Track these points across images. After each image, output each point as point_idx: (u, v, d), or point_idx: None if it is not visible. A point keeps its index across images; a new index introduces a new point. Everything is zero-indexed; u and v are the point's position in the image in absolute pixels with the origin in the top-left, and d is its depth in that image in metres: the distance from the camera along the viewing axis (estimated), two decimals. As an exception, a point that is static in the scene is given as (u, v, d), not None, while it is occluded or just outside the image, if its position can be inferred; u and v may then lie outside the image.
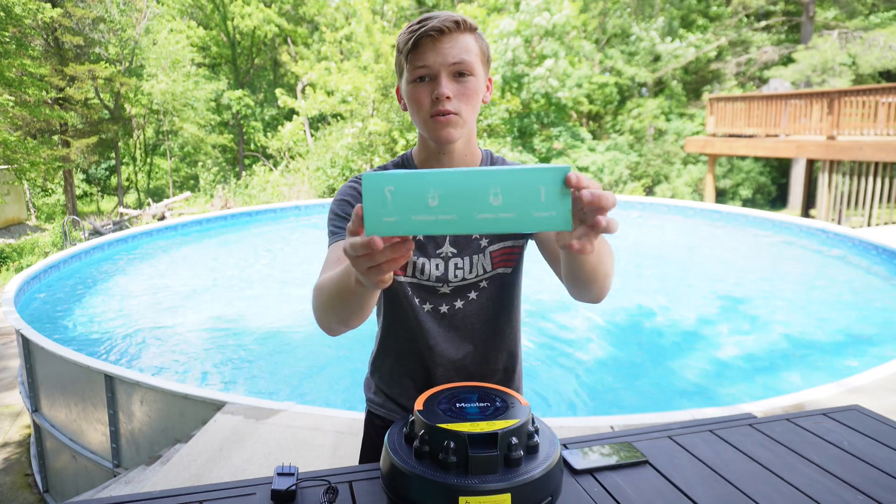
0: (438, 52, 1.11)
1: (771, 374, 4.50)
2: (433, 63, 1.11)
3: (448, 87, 1.11)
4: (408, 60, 1.14)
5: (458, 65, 1.12)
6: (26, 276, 6.03)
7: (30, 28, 12.66)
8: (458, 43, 1.12)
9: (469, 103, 1.15)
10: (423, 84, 1.13)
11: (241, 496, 1.15)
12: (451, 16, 1.13)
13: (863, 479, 1.22)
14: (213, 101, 19.55)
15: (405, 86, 1.17)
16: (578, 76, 16.90)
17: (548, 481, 1.01)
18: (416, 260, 1.24)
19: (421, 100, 1.14)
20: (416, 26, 1.13)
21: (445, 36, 1.11)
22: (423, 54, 1.12)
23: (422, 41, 1.11)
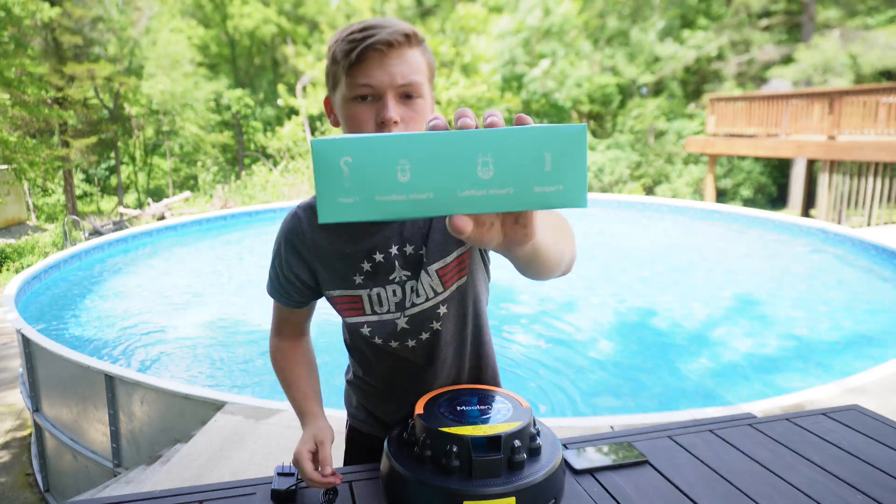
0: (385, 70, 0.97)
1: (771, 374, 4.50)
2: (379, 82, 0.98)
3: (395, 111, 0.98)
4: (347, 74, 0.99)
5: (407, 86, 0.99)
6: (26, 276, 6.04)
7: (29, 28, 12.66)
8: (406, 60, 0.99)
9: (416, 128, 1.02)
10: (366, 104, 1.00)
11: (241, 496, 1.16)
12: (399, 27, 0.99)
13: (862, 478, 1.22)
14: (213, 101, 19.56)
15: (341, 101, 1.03)
16: (578, 76, 16.91)
17: (551, 484, 1.00)
18: (370, 291, 1.12)
19: (362, 121, 1.00)
20: (358, 35, 0.98)
21: (394, 51, 0.98)
22: (367, 70, 0.98)
23: (367, 55, 0.97)
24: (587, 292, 6.59)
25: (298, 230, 1.15)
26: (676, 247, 8.83)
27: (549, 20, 16.48)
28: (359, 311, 1.14)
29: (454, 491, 0.95)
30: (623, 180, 17.66)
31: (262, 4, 20.32)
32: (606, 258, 8.11)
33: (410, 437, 1.06)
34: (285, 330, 1.27)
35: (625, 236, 9.64)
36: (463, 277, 1.14)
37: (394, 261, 1.11)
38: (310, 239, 1.14)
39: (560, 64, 16.67)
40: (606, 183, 17.41)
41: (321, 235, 1.13)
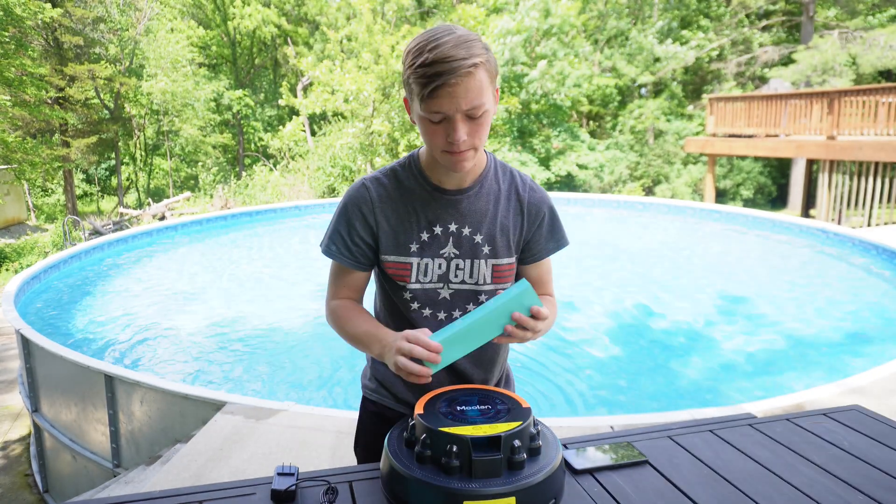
0: (454, 100, 1.10)
1: (771, 374, 4.50)
2: (448, 110, 1.11)
3: (462, 131, 1.12)
4: (422, 102, 1.12)
5: (472, 109, 1.12)
6: (26, 276, 6.03)
7: (30, 28, 12.66)
8: (472, 87, 1.10)
9: (481, 135, 1.16)
10: (439, 125, 1.14)
11: (241, 496, 1.15)
12: (464, 60, 1.08)
13: (863, 479, 1.22)
14: (214, 101, 19.56)
15: (417, 116, 1.17)
16: (577, 76, 16.90)
17: (551, 484, 1.00)
18: (420, 261, 1.27)
19: (435, 137, 1.15)
20: (429, 70, 1.09)
21: (460, 86, 1.09)
22: (438, 101, 1.10)
23: (437, 92, 1.09)
24: (587, 292, 6.59)
25: (367, 198, 1.28)
26: (676, 247, 8.83)
27: (548, 21, 16.48)
28: (406, 277, 1.28)
29: (454, 490, 0.94)
30: (623, 180, 17.66)
31: (262, 5, 20.31)
32: (606, 258, 8.11)
33: (411, 437, 1.06)
34: (342, 292, 1.35)
35: (624, 236, 9.64)
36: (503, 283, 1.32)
37: (449, 236, 1.28)
38: (378, 207, 1.28)
39: (559, 64, 16.66)
40: (606, 183, 17.41)
41: (388, 205, 1.28)
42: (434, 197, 1.28)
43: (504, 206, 1.31)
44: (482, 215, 1.29)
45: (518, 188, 1.33)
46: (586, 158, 17.15)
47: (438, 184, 1.28)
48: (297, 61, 18.14)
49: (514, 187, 1.33)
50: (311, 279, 7.07)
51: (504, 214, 1.31)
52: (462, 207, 1.28)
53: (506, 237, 1.30)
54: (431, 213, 1.28)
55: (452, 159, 1.17)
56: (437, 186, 1.28)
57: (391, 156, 15.92)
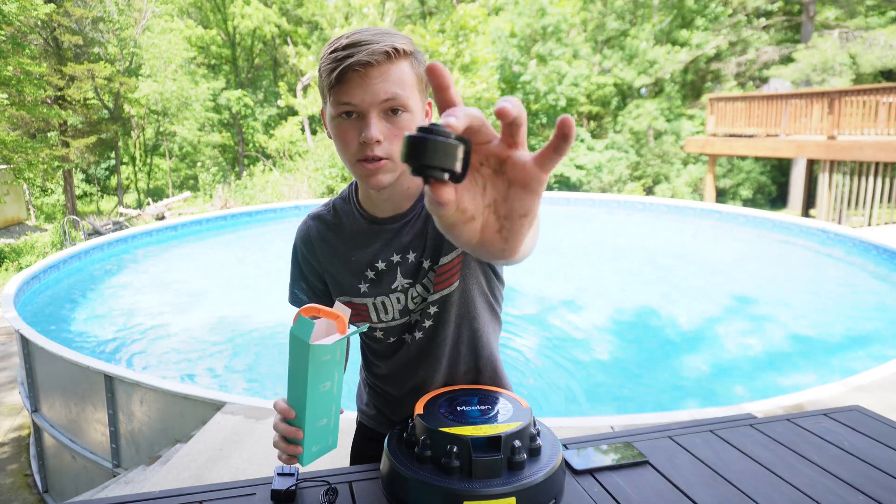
0: (367, 89, 0.96)
1: (771, 374, 4.50)
2: (360, 101, 0.97)
3: (378, 129, 0.98)
4: (330, 93, 0.99)
5: (390, 101, 0.98)
6: (26, 276, 6.03)
7: (27, 27, 12.65)
8: (390, 76, 0.97)
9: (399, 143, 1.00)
10: (350, 121, 1.00)
11: (241, 496, 1.15)
12: (382, 42, 0.97)
13: (863, 479, 1.21)
14: (213, 101, 19.56)
15: (329, 119, 1.03)
16: (575, 75, 16.90)
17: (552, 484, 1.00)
18: (375, 300, 1.16)
19: (347, 140, 1.00)
20: (340, 53, 0.97)
21: (375, 69, 0.96)
22: (348, 90, 0.97)
23: (347, 76, 0.96)
24: (587, 292, 6.59)
25: (308, 238, 1.21)
26: (676, 247, 8.83)
27: (545, 20, 16.50)
28: (366, 318, 1.18)
29: (454, 491, 0.94)
30: (623, 180, 17.66)
31: (262, 5, 20.31)
32: (606, 258, 8.11)
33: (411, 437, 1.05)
34: None
35: (624, 236, 9.64)
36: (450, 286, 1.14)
37: (395, 268, 1.14)
38: (318, 247, 1.20)
39: (555, 63, 16.67)
40: (606, 183, 17.41)
41: (328, 246, 1.19)
42: (372, 230, 1.15)
43: None
44: (423, 236, 1.13)
45: None
46: (585, 158, 17.15)
47: (374, 214, 1.15)
48: (297, 61, 18.14)
49: None
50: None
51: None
52: (401, 235, 1.13)
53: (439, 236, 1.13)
54: (371, 249, 1.15)
55: (366, 173, 1.01)
56: (374, 218, 1.15)
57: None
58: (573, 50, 17.74)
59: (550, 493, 1.00)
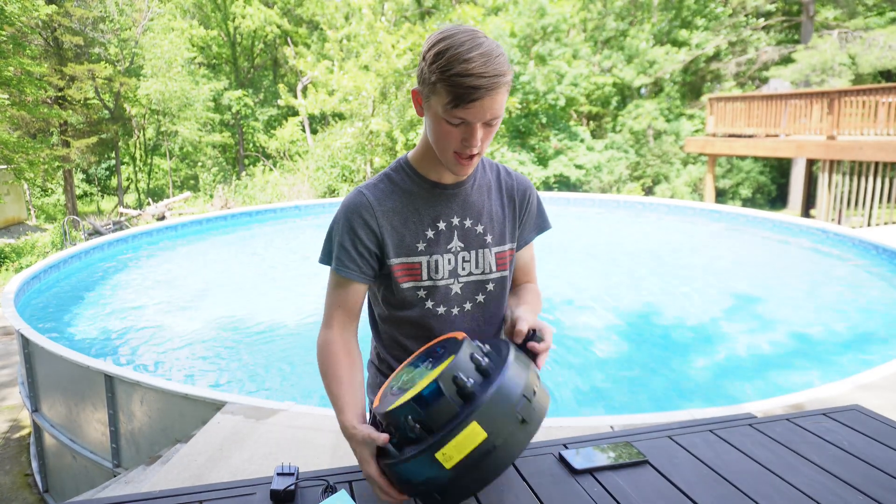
0: (482, 112, 1.10)
1: (771, 374, 4.50)
2: (472, 119, 1.11)
3: (479, 138, 1.14)
4: (449, 103, 1.10)
5: (494, 120, 1.14)
6: (26, 276, 6.03)
7: (27, 27, 12.65)
8: (499, 100, 1.11)
9: (489, 141, 1.18)
10: (455, 127, 1.14)
11: (241, 496, 1.15)
12: (500, 73, 1.09)
13: (863, 479, 1.22)
14: (213, 101, 19.56)
15: (434, 115, 1.15)
16: (574, 75, 16.90)
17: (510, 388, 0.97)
18: (430, 258, 1.28)
19: (449, 140, 1.15)
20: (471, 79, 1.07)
21: (492, 95, 1.10)
22: (470, 111, 1.10)
23: (473, 100, 1.09)
24: (587, 292, 6.59)
25: (367, 204, 1.27)
26: (676, 247, 8.83)
27: (545, 20, 16.50)
28: (417, 276, 1.28)
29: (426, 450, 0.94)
30: (622, 180, 17.66)
31: (263, 5, 20.31)
32: (606, 258, 8.11)
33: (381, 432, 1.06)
34: (338, 316, 1.29)
35: (624, 236, 9.64)
36: (506, 270, 1.35)
37: (453, 230, 1.29)
38: (379, 211, 1.27)
39: (554, 63, 16.66)
40: (606, 183, 17.41)
41: (389, 208, 1.28)
42: (434, 193, 1.29)
43: (496, 197, 1.35)
44: (480, 206, 1.32)
45: (504, 179, 1.37)
46: (585, 158, 17.15)
47: (438, 180, 1.30)
48: (297, 61, 18.14)
49: (501, 178, 1.37)
50: (310, 279, 7.07)
51: (497, 204, 1.34)
52: (461, 200, 1.30)
53: (501, 226, 1.34)
54: (434, 210, 1.29)
55: (460, 163, 1.18)
56: (436, 182, 1.30)
57: (390, 155, 15.92)
58: (573, 50, 17.74)
59: (513, 394, 0.97)
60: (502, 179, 1.36)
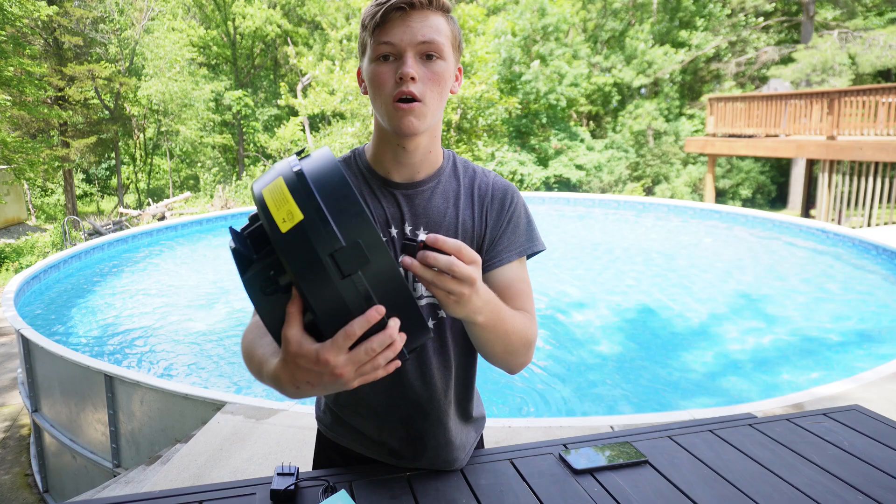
0: (406, 29, 1.00)
1: (771, 374, 4.50)
2: (399, 40, 1.00)
3: (413, 67, 1.00)
4: (372, 36, 1.03)
5: (428, 44, 1.01)
6: (26, 277, 6.03)
7: (28, 28, 12.66)
8: (428, 21, 1.02)
9: (436, 89, 1.02)
10: (387, 63, 1.02)
11: (241, 496, 1.15)
12: None
13: (863, 479, 1.22)
14: (213, 101, 19.57)
15: (367, 65, 1.05)
16: (574, 75, 16.91)
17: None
18: None
19: (383, 80, 1.02)
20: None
21: (416, 12, 1.01)
22: (389, 30, 1.01)
23: (390, 16, 1.00)
24: (587, 292, 6.59)
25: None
26: (676, 247, 8.83)
27: (545, 20, 16.50)
28: None
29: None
30: (622, 180, 17.66)
31: (265, 5, 20.32)
32: (606, 258, 8.11)
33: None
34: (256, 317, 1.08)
35: (624, 236, 9.64)
36: None
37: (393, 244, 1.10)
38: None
39: (556, 63, 16.67)
40: (606, 183, 17.42)
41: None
42: (384, 192, 1.11)
43: (465, 204, 1.13)
44: (439, 215, 1.11)
45: (479, 184, 1.15)
46: (585, 159, 17.16)
47: (387, 176, 1.12)
48: (298, 61, 18.15)
49: (475, 182, 1.15)
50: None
51: (465, 214, 1.12)
52: (416, 204, 1.11)
53: (469, 240, 1.11)
54: (383, 211, 1.10)
55: (400, 113, 1.00)
56: (387, 179, 1.12)
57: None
58: (573, 50, 17.75)
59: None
60: (476, 184, 1.15)
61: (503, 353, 1.05)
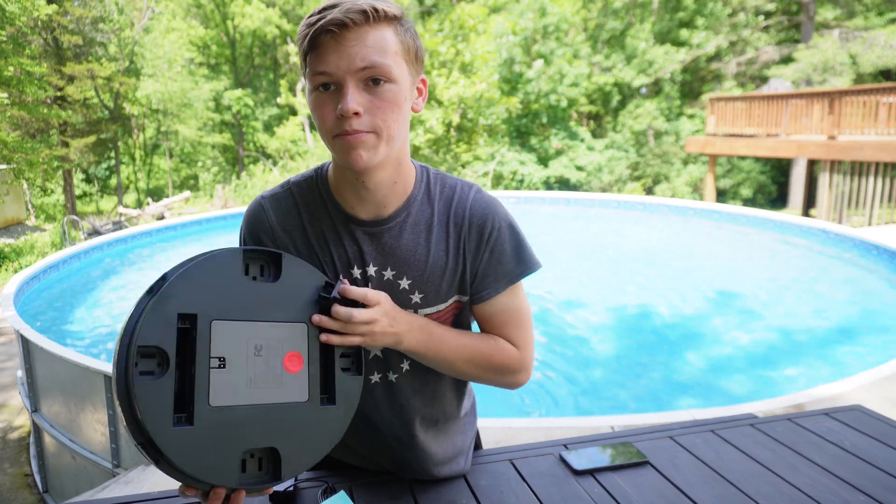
0: (342, 55, 0.86)
1: (771, 374, 4.50)
2: (335, 69, 0.86)
3: (356, 100, 0.87)
4: (306, 63, 0.90)
5: (369, 70, 0.87)
6: (26, 276, 6.03)
7: (27, 27, 12.66)
8: (367, 40, 0.86)
9: (387, 117, 0.89)
10: (327, 94, 0.89)
11: (240, 497, 1.15)
12: (359, 2, 0.86)
13: (864, 479, 1.21)
14: (213, 101, 19.57)
15: (307, 94, 0.93)
16: (575, 75, 16.91)
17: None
18: None
19: (324, 114, 0.89)
20: (314, 18, 0.87)
21: (350, 31, 0.86)
22: (322, 57, 0.87)
23: (320, 40, 0.86)
24: (588, 292, 6.59)
25: (266, 223, 1.03)
26: (676, 246, 8.83)
27: (545, 20, 16.51)
28: None
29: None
30: (623, 180, 17.66)
31: (263, 4, 20.32)
32: (606, 258, 8.11)
33: None
34: None
35: (625, 236, 9.64)
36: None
37: (367, 283, 1.00)
38: (280, 235, 1.02)
39: (557, 63, 16.68)
40: (606, 183, 17.42)
41: (290, 235, 1.02)
42: (347, 228, 1.00)
43: (438, 235, 1.01)
44: (409, 252, 1.00)
45: (455, 207, 1.02)
46: (586, 159, 17.16)
47: (350, 211, 1.00)
48: (297, 60, 18.18)
49: (451, 206, 1.02)
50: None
51: (438, 249, 1.01)
52: (383, 243, 0.99)
53: (440, 276, 1.01)
54: (344, 251, 1.00)
55: (345, 147, 0.89)
56: (350, 215, 1.00)
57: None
58: (573, 50, 17.75)
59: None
60: (453, 210, 1.01)
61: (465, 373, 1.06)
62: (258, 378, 0.85)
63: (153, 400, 0.77)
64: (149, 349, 0.79)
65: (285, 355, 0.88)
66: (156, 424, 0.77)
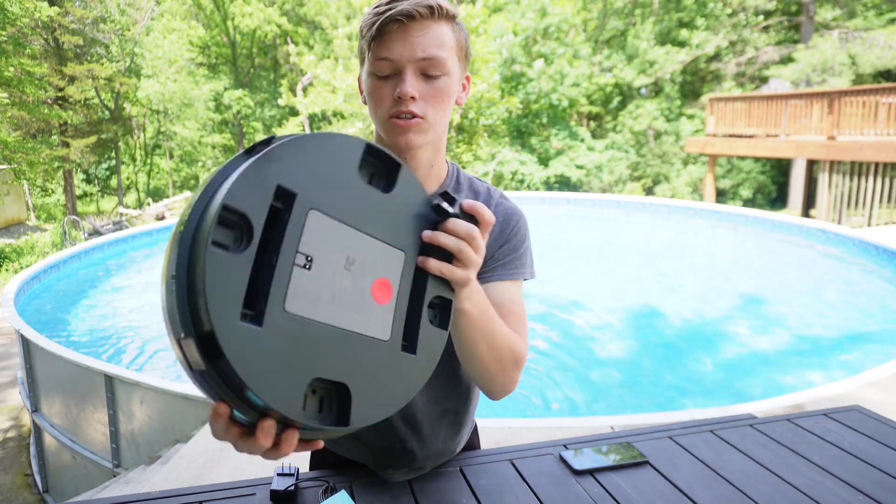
0: (406, 44, 0.93)
1: (771, 374, 4.50)
2: (398, 56, 0.94)
3: (413, 86, 0.94)
4: (370, 49, 0.96)
5: (428, 61, 0.94)
6: (26, 277, 6.03)
7: (28, 27, 12.66)
8: (430, 33, 0.94)
9: (438, 106, 0.97)
10: (386, 80, 0.96)
11: (241, 496, 1.15)
12: (429, 2, 0.94)
13: (863, 479, 1.21)
14: (213, 101, 19.58)
15: (365, 77, 1.00)
16: (576, 75, 16.92)
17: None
18: None
19: (381, 97, 0.97)
20: (382, 7, 0.95)
21: (416, 23, 0.93)
22: (387, 44, 0.94)
23: (387, 28, 0.94)
24: (587, 292, 6.59)
25: None
26: (676, 247, 8.83)
27: (546, 20, 16.52)
28: None
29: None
30: (623, 180, 17.67)
31: (263, 4, 20.32)
32: (606, 258, 8.11)
33: None
34: None
35: (624, 236, 9.64)
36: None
37: None
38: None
39: (558, 63, 16.69)
40: (606, 183, 17.42)
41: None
42: None
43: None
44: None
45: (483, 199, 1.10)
46: (586, 159, 17.17)
47: None
48: (299, 60, 18.17)
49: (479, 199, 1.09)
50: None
51: None
52: None
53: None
54: None
55: (397, 129, 0.96)
56: None
57: (391, 156, 15.90)
58: (573, 50, 17.76)
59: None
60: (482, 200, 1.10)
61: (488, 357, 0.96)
62: (342, 296, 0.69)
63: (223, 280, 0.59)
64: (232, 216, 0.61)
65: (375, 280, 0.73)
66: (221, 310, 0.58)
